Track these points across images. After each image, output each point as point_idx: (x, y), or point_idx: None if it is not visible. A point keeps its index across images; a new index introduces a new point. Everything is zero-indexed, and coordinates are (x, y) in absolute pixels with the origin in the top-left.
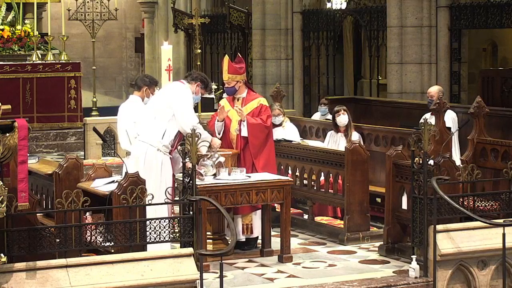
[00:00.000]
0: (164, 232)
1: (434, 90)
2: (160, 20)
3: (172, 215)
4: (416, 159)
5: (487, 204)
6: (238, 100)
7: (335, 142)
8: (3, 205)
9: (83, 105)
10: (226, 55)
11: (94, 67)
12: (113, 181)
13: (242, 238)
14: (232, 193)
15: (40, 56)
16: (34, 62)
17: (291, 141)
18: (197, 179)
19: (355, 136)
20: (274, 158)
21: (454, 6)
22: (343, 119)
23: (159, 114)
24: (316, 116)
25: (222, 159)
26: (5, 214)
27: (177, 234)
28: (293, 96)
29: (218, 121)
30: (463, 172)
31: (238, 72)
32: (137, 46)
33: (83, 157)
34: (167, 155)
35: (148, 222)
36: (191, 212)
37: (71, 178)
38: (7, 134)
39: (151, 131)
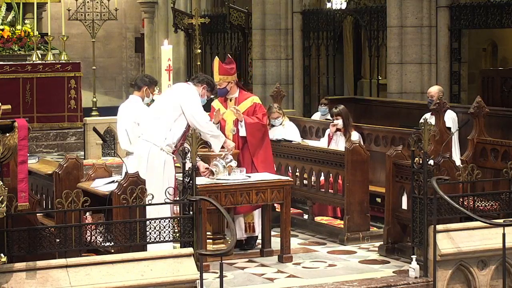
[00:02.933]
0: (164, 232)
1: (434, 90)
2: (160, 20)
3: (174, 215)
4: (416, 159)
5: (487, 204)
6: (230, 100)
7: (335, 141)
8: (3, 205)
9: (83, 105)
10: (216, 57)
11: (94, 67)
12: (113, 181)
13: (244, 236)
14: (232, 193)
15: (40, 56)
16: (34, 62)
17: (291, 141)
18: (207, 177)
19: (355, 136)
20: (271, 155)
21: (454, 6)
22: (339, 124)
23: (165, 113)
24: (316, 116)
25: (234, 163)
26: (5, 214)
27: (177, 234)
28: (293, 96)
29: (213, 123)
30: (463, 172)
31: (228, 73)
32: (137, 46)
33: (83, 157)
34: (170, 154)
35: (148, 222)
36: (191, 212)
37: (71, 178)
38: (7, 134)
39: (155, 130)
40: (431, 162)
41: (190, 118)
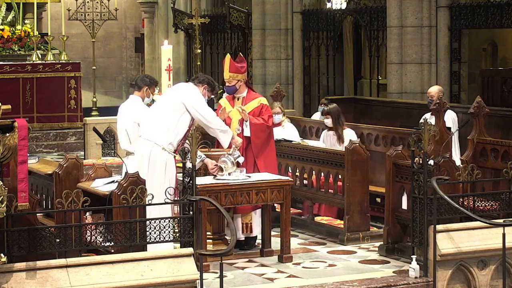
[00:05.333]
0: (164, 232)
1: (434, 90)
2: (160, 20)
3: (174, 215)
4: (416, 159)
5: (487, 204)
6: (238, 99)
7: (329, 141)
8: (3, 205)
9: (83, 105)
10: (228, 54)
11: (94, 67)
12: (113, 181)
13: (242, 237)
14: (232, 193)
15: (40, 56)
16: (34, 62)
17: (291, 141)
18: (216, 174)
19: (350, 134)
20: (275, 158)
21: (454, 6)
22: (327, 122)
23: (167, 113)
24: (316, 116)
25: (241, 159)
26: (5, 214)
27: (177, 234)
28: (293, 96)
29: None
30: (463, 172)
31: (239, 71)
32: (137, 46)
33: (83, 157)
34: (172, 154)
35: (148, 222)
36: (191, 212)
37: (71, 178)
38: (7, 134)
39: (156, 130)
40: (431, 162)
41: (198, 115)
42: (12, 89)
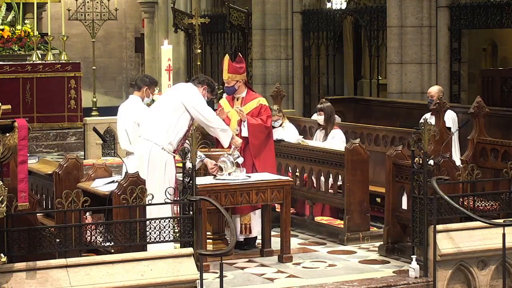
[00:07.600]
0: (164, 232)
1: (434, 90)
2: (160, 20)
3: (175, 215)
4: (416, 159)
5: (487, 204)
6: (237, 99)
7: (318, 139)
8: (3, 205)
9: (83, 105)
10: (227, 55)
11: (94, 67)
12: (113, 181)
13: (240, 238)
14: (232, 193)
15: (40, 56)
16: (34, 62)
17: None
18: (216, 174)
19: (337, 134)
20: (274, 159)
21: (454, 6)
22: (320, 119)
23: (167, 113)
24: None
25: (240, 160)
26: (5, 214)
27: (177, 234)
28: (293, 96)
29: None
30: (463, 172)
31: (238, 71)
32: (137, 46)
33: (83, 157)
34: (171, 154)
35: (148, 222)
36: (191, 212)
37: (71, 178)
38: (7, 134)
39: (156, 130)
40: (431, 162)
41: (198, 115)
42: (12, 89)
